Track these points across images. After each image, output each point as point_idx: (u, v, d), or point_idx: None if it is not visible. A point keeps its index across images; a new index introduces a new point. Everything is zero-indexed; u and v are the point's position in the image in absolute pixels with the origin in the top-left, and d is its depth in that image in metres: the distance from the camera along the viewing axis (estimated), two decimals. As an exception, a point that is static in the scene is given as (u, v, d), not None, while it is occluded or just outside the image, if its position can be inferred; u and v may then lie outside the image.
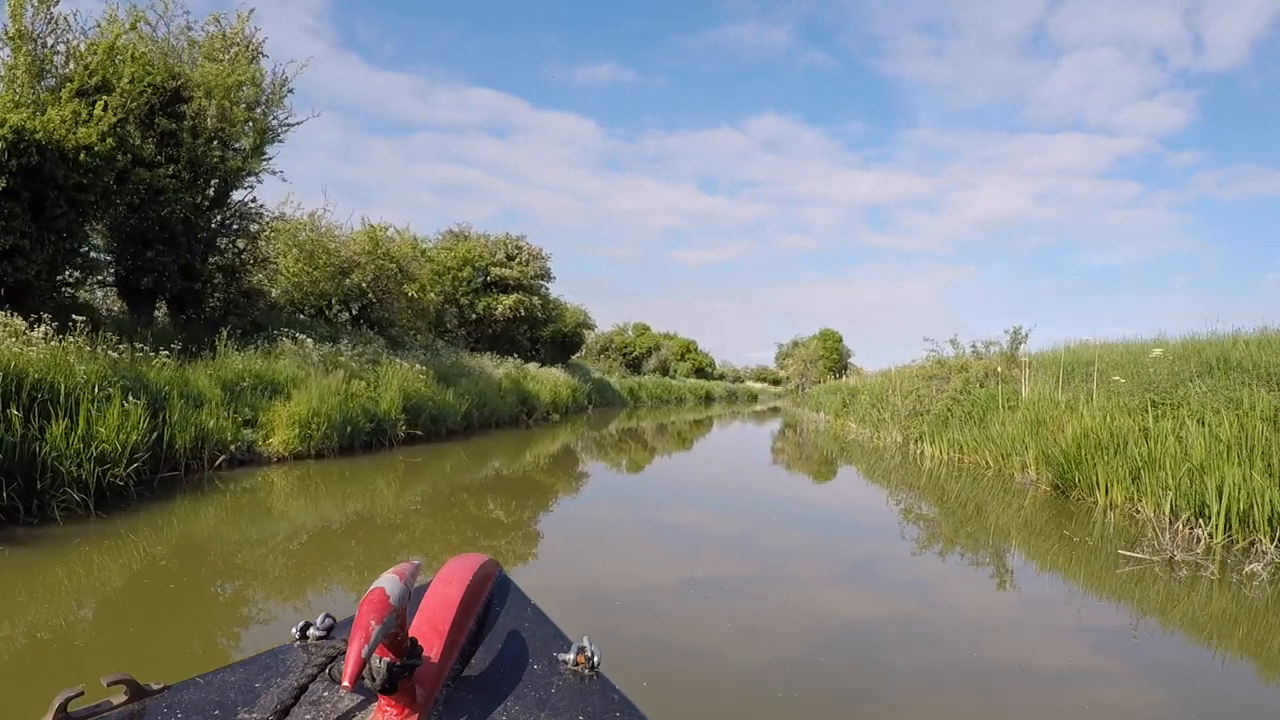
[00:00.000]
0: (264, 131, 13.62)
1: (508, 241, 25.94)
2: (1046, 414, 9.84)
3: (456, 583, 1.40)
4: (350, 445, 9.79)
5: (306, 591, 4.44)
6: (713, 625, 3.97)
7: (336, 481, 8.24)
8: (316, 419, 8.99)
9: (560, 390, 22.09)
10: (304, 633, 1.39)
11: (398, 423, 10.66)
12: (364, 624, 0.99)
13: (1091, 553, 5.95)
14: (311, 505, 7.14)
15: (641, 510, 8.26)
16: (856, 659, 3.68)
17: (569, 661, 1.32)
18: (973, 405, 11.90)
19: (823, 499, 9.70)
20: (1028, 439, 9.95)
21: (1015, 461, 10.13)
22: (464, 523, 6.65)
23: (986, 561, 5.94)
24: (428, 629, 1.27)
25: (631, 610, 4.25)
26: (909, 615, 4.44)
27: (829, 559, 6.04)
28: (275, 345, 10.68)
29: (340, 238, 17.67)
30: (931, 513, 8.14)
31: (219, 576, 4.70)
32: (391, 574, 1.09)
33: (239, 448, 8.28)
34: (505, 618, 1.50)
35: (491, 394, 15.65)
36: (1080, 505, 8.00)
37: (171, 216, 12.08)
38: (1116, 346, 12.42)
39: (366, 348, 12.97)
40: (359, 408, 9.97)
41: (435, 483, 8.76)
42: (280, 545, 5.52)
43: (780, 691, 3.13)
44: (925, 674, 3.44)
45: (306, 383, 9.58)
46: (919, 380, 14.09)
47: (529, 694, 1.24)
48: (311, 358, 10.57)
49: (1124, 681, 3.52)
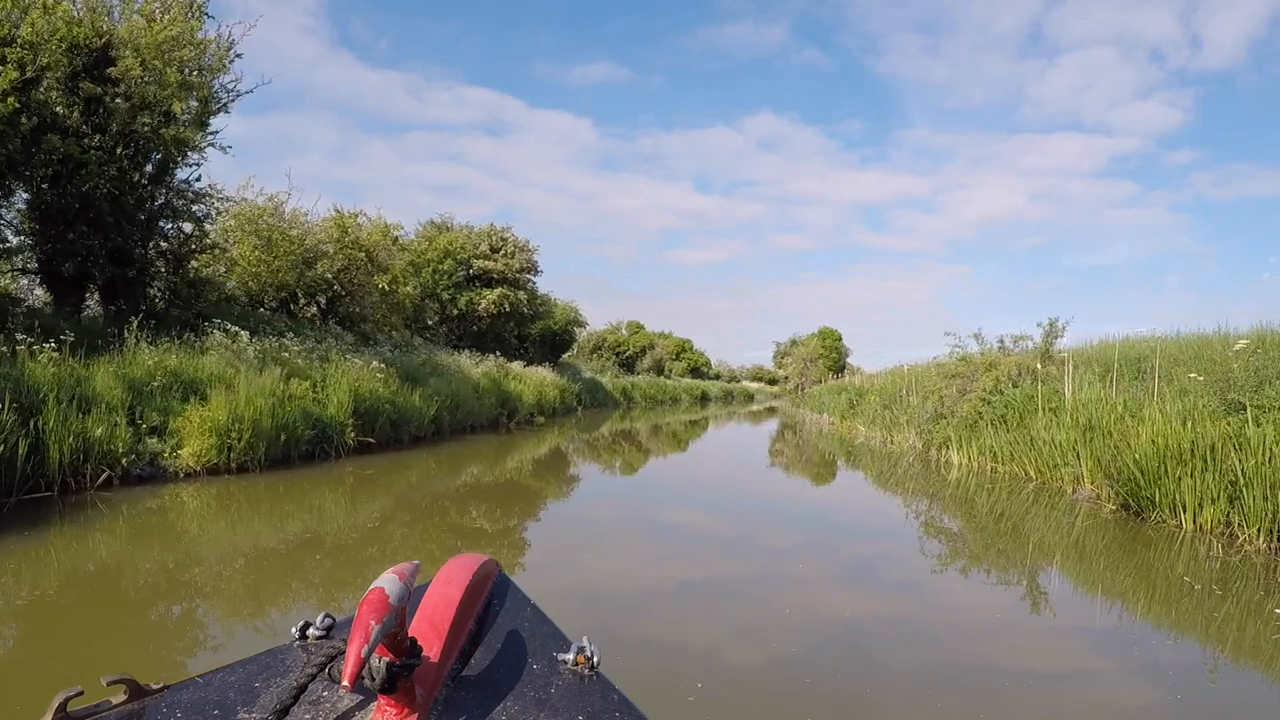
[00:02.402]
0: (207, 100, 12.17)
1: (492, 233, 24.44)
2: (1103, 418, 8.44)
3: (456, 582, 1.37)
4: (287, 456, 8.32)
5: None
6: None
7: (251, 501, 6.78)
8: (240, 425, 7.52)
9: (546, 390, 20.60)
10: (303, 632, 1.36)
11: (346, 429, 9.17)
12: (363, 624, 0.97)
13: (1201, 600, 4.52)
14: (206, 534, 5.68)
15: (629, 550, 6.80)
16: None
17: (569, 661, 1.30)
18: (1006, 407, 10.49)
19: (859, 528, 8.27)
20: (1079, 447, 8.55)
21: (1064, 474, 8.72)
22: (403, 555, 5.20)
23: (1073, 605, 4.52)
24: (427, 629, 1.25)
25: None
26: (977, 675, 3.02)
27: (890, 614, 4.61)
28: (206, 338, 9.21)
29: (307, 225, 16.21)
30: (979, 539, 6.72)
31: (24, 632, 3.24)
32: (391, 574, 1.07)
33: (136, 461, 6.81)
34: (505, 617, 1.48)
35: (467, 395, 14.17)
36: (1161, 529, 6.59)
37: (95, 193, 10.62)
38: (1178, 340, 11.04)
39: (322, 343, 11.50)
40: (298, 411, 8.49)
41: (382, 501, 7.30)
42: (124, 593, 4.06)
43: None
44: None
45: (235, 382, 8.11)
46: (940, 379, 12.69)
47: (529, 694, 1.22)
48: (247, 353, 9.10)
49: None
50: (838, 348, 50.51)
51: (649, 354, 56.44)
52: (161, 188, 12.26)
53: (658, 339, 59.68)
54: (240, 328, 10.83)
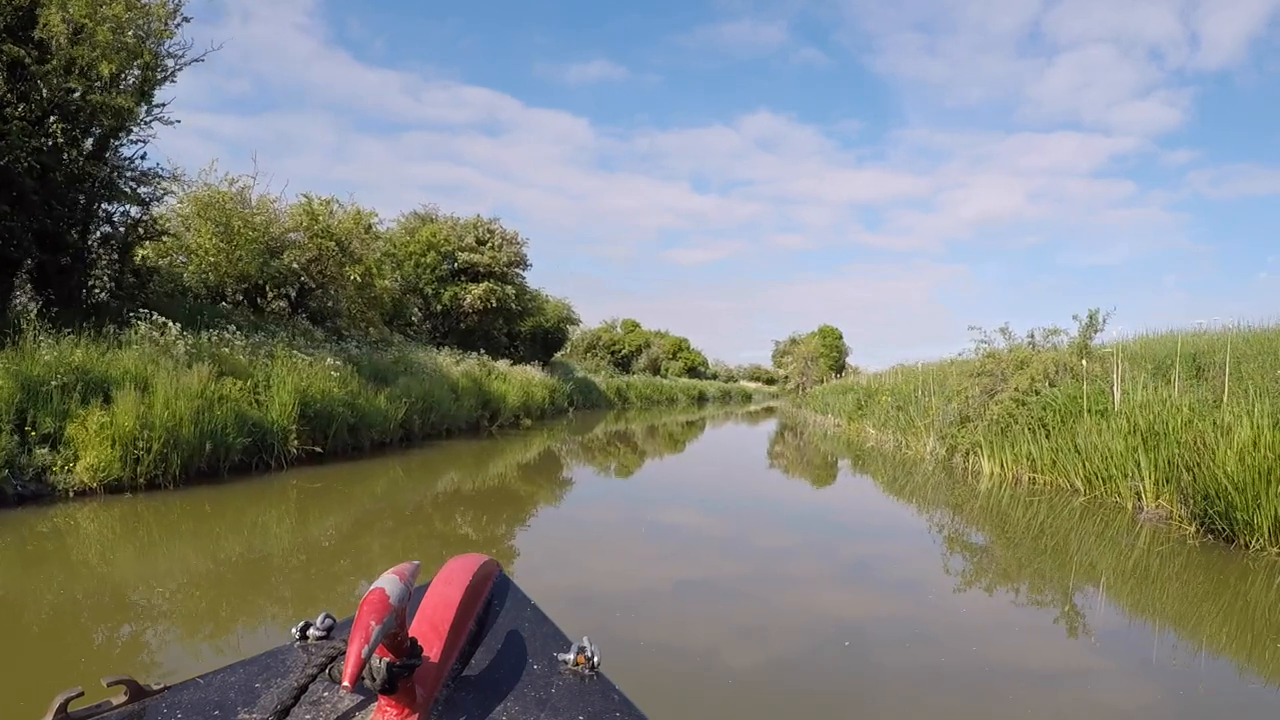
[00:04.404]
0: (152, 68, 10.95)
1: (478, 224, 23.17)
2: (1168, 422, 7.27)
3: (456, 583, 1.35)
4: (215, 468, 7.10)
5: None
6: None
7: (146, 527, 5.56)
8: (150, 432, 6.29)
9: (534, 390, 19.35)
10: (304, 633, 1.34)
11: (288, 435, 7.94)
12: (364, 624, 0.96)
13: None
14: (74, 570, 4.45)
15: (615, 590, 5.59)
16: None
17: (569, 661, 1.28)
18: (1044, 409, 9.30)
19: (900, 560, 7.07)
20: (1139, 455, 7.38)
21: (1122, 487, 7.54)
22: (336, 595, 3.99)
23: (1175, 656, 3.32)
24: (428, 629, 1.23)
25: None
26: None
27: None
28: (128, 330, 7.98)
29: (274, 212, 14.97)
30: (1054, 572, 5.52)
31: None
32: (391, 574, 1.05)
33: (16, 477, 5.58)
34: (505, 618, 1.46)
35: (442, 396, 12.91)
36: (1259, 559, 5.41)
37: (15, 166, 9.38)
38: (1241, 334, 9.87)
39: (273, 339, 10.27)
40: (231, 416, 7.26)
41: (325, 521, 6.09)
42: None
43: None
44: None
45: (153, 381, 6.89)
46: (964, 378, 11.51)
47: (529, 694, 1.21)
48: (177, 348, 7.87)
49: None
50: (838, 346, 49.28)
51: (645, 353, 55.25)
52: (102, 165, 11.06)
53: (654, 338, 58.46)
54: (185, 322, 9.62)
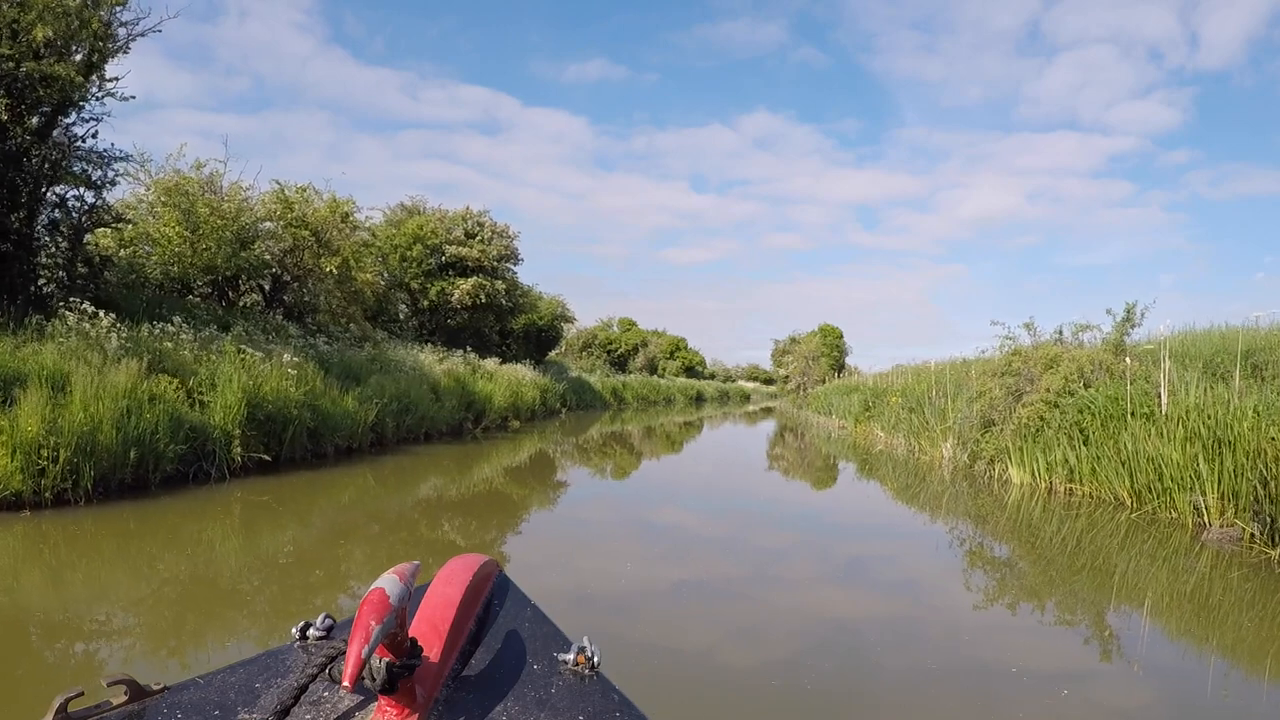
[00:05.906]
0: (101, 38, 10.02)
1: (467, 217, 22.21)
2: (1232, 427, 6.37)
3: (456, 583, 1.35)
4: (143, 480, 6.17)
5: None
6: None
7: (54, 550, 4.63)
8: (58, 439, 5.37)
9: (524, 390, 18.38)
10: (304, 633, 1.33)
11: (233, 441, 7.01)
12: (364, 624, 0.95)
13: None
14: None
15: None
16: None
17: (569, 661, 1.27)
18: (1081, 412, 8.40)
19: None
20: (1200, 465, 6.48)
21: (1180, 501, 6.64)
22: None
23: None
24: (428, 629, 1.23)
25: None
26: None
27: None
28: (52, 322, 7.04)
29: (245, 200, 14.03)
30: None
31: None
32: (391, 574, 1.04)
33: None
34: (505, 618, 1.45)
35: (421, 396, 11.96)
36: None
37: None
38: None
39: (229, 331, 9.33)
40: (164, 418, 6.33)
41: (267, 542, 5.16)
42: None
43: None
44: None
45: (70, 379, 5.95)
46: (987, 377, 10.61)
47: (529, 694, 1.20)
48: (109, 341, 6.93)
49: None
50: (839, 345, 48.31)
51: (641, 352, 54.37)
52: (48, 145, 10.13)
53: (651, 337, 57.55)
54: (144, 316, 8.69)
